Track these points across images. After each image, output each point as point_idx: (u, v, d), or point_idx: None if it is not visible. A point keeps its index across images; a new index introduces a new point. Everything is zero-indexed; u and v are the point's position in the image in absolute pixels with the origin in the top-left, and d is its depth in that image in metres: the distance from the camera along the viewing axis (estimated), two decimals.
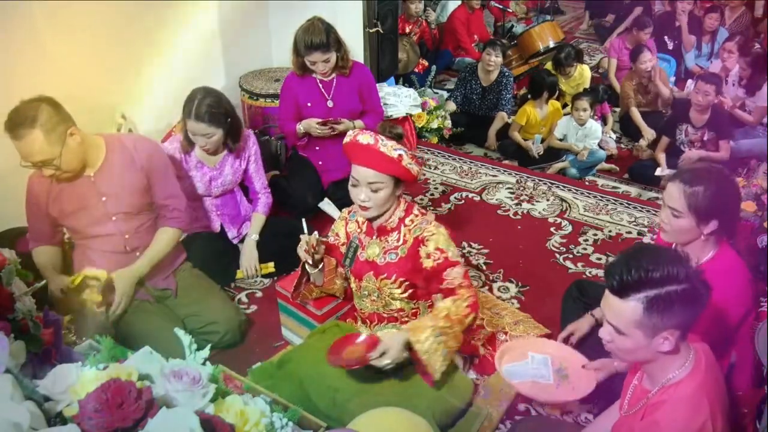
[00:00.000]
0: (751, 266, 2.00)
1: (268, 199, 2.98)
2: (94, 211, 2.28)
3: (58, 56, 2.87)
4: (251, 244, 2.89)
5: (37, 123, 2.02)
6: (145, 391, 1.14)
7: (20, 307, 1.44)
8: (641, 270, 1.37)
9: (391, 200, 2.08)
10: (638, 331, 1.40)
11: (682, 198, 1.81)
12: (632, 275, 1.37)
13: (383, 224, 2.14)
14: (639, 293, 1.37)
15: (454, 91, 4.78)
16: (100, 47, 3.08)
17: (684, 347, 1.48)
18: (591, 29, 7.34)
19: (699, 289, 1.38)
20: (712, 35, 5.61)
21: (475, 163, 4.09)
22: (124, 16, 3.16)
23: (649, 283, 1.37)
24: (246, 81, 3.90)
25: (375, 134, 2.01)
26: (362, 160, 2.02)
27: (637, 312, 1.38)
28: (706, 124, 3.93)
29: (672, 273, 1.36)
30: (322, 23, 3.05)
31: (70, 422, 1.12)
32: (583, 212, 3.52)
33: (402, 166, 2.00)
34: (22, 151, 2.07)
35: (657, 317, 1.37)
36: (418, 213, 2.14)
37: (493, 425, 2.17)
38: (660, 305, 1.36)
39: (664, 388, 1.48)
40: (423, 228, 2.09)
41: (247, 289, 2.89)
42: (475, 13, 5.93)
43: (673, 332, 1.40)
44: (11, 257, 1.59)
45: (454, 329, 2.00)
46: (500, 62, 4.60)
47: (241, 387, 1.42)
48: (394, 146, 1.99)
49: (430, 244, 2.07)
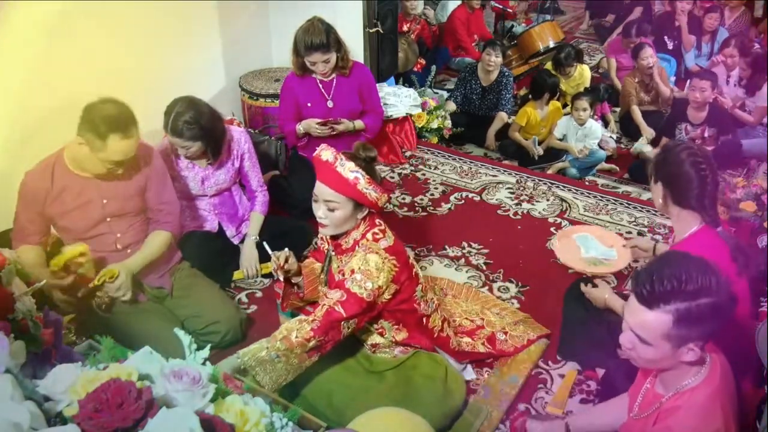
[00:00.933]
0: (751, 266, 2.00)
1: (265, 197, 2.97)
2: (93, 212, 2.29)
3: (58, 57, 2.87)
4: (251, 245, 2.88)
5: (136, 120, 2.13)
6: (145, 391, 1.14)
7: (20, 307, 1.44)
8: (674, 280, 1.31)
9: (350, 221, 2.04)
10: (664, 342, 1.36)
11: (653, 169, 2.03)
12: (664, 285, 1.32)
13: (339, 242, 2.11)
14: (669, 305, 1.32)
15: (454, 91, 4.78)
16: (100, 47, 3.08)
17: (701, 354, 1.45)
18: (591, 29, 7.33)
19: (727, 301, 1.35)
20: (712, 35, 5.61)
21: (475, 163, 4.09)
22: (123, 16, 3.16)
23: (682, 295, 1.31)
24: (246, 81, 3.90)
25: (337, 153, 1.96)
26: (322, 176, 1.99)
27: (665, 324, 1.33)
28: (705, 120, 3.93)
29: (705, 285, 1.31)
30: (322, 23, 3.05)
31: (70, 422, 1.11)
32: (583, 212, 3.52)
33: (357, 189, 1.94)
34: (126, 149, 2.12)
35: (685, 329, 1.33)
36: (371, 238, 2.05)
37: (493, 425, 2.17)
38: (690, 318, 1.31)
39: (679, 393, 1.45)
40: (363, 252, 2.01)
41: (247, 289, 2.89)
42: (475, 13, 5.93)
43: (698, 343, 1.37)
44: (11, 257, 1.59)
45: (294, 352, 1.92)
46: (500, 62, 4.60)
47: (241, 387, 1.42)
48: (351, 168, 1.94)
49: (351, 263, 2.02)
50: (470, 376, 2.37)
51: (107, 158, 2.13)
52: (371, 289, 1.97)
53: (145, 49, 3.34)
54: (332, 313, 1.95)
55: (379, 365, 2.17)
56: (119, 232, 2.35)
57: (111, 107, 2.10)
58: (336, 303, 1.96)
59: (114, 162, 2.15)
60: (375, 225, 2.09)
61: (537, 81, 4.40)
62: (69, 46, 2.93)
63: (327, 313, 1.95)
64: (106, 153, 2.11)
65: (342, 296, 1.97)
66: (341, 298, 1.97)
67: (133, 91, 3.28)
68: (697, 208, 1.93)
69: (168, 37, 3.46)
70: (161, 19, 3.39)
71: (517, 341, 2.47)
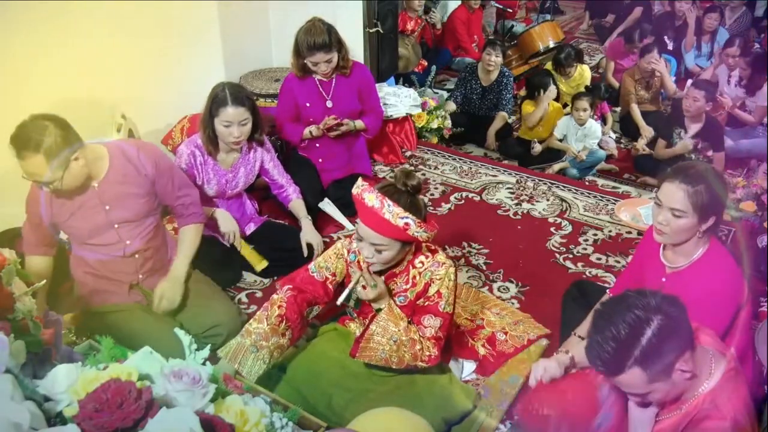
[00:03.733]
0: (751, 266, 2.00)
1: (295, 186, 3.03)
2: (96, 219, 2.26)
3: (58, 57, 2.87)
4: (310, 225, 2.93)
5: (41, 148, 1.98)
6: (145, 391, 1.14)
7: (20, 307, 1.44)
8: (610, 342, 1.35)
9: (399, 256, 2.00)
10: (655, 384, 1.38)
11: (685, 198, 1.79)
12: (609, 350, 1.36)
13: (393, 269, 2.08)
14: (628, 360, 1.35)
15: (454, 91, 4.78)
16: (100, 47, 3.08)
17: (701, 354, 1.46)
18: (591, 29, 7.34)
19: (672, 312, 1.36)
20: (712, 35, 5.61)
21: (475, 163, 4.08)
22: (123, 16, 3.16)
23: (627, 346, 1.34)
24: (246, 81, 3.90)
25: (382, 198, 1.86)
26: (367, 220, 1.90)
27: (639, 375, 1.36)
28: (699, 133, 3.89)
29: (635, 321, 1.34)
30: (323, 24, 3.05)
31: (70, 422, 1.11)
32: (583, 212, 3.52)
33: (407, 234, 1.88)
34: (24, 169, 2.05)
35: (659, 362, 1.35)
36: (428, 252, 2.07)
37: (493, 425, 2.17)
38: (653, 354, 1.34)
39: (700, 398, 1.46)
40: (433, 271, 2.04)
41: (247, 290, 2.89)
42: (475, 13, 5.94)
43: (685, 358, 1.38)
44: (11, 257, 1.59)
45: (401, 354, 2.01)
46: (500, 62, 4.60)
47: (241, 387, 1.42)
48: (400, 214, 1.85)
49: (434, 286, 2.04)
50: (470, 376, 2.37)
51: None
52: (453, 302, 2.08)
53: (145, 49, 3.34)
54: (438, 343, 2.05)
55: (384, 370, 2.15)
56: (128, 239, 2.32)
57: (26, 124, 2.01)
58: (438, 331, 2.04)
59: (35, 181, 2.08)
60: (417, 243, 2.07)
61: (530, 82, 4.42)
62: (69, 46, 2.93)
63: (436, 344, 2.03)
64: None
65: (441, 323, 2.04)
66: (440, 325, 2.04)
67: (133, 91, 3.31)
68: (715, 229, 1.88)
69: (168, 37, 3.47)
70: (161, 19, 3.39)
71: (517, 341, 2.47)
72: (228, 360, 1.99)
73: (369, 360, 2.04)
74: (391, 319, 2.02)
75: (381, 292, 2.01)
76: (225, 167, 2.83)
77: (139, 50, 3.31)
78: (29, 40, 2.78)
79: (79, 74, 2.93)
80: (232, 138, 2.68)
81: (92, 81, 3.01)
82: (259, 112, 2.77)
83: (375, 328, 2.02)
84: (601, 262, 3.07)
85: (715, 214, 1.82)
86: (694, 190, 1.78)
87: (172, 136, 3.44)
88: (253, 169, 2.91)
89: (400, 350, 2.01)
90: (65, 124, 2.06)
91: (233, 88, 2.67)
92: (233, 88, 2.67)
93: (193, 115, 3.36)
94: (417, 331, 2.04)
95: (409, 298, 2.07)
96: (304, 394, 2.08)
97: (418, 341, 2.02)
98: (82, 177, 2.16)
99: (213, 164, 2.80)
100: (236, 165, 2.85)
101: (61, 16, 2.87)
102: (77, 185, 2.16)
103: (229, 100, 2.61)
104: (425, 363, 2.03)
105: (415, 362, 2.03)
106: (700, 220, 1.81)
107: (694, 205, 1.79)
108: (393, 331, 2.01)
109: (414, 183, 1.93)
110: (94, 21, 3.03)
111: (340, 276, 2.17)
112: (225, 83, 2.70)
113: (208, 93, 2.68)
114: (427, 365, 2.04)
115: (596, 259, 3.10)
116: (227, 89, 2.64)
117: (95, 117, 2.87)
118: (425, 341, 2.03)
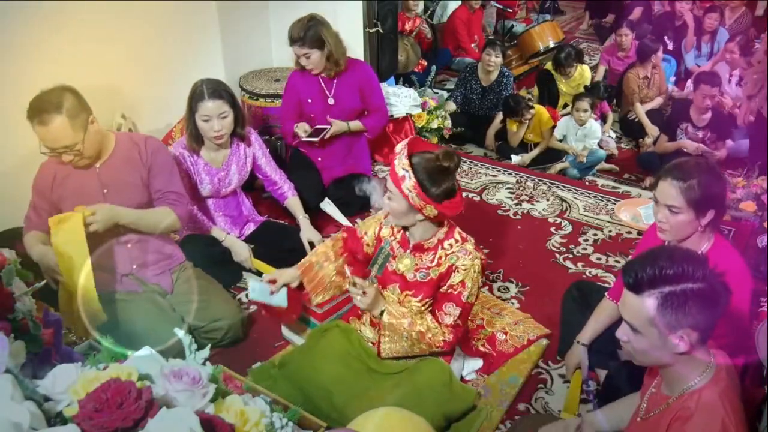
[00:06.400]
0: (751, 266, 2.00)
1: (290, 183, 3.04)
2: (94, 201, 2.28)
3: (58, 56, 2.87)
4: (308, 224, 2.95)
5: (63, 108, 2.08)
6: (145, 391, 1.14)
7: (20, 307, 1.45)
8: (656, 267, 1.38)
9: (408, 217, 2.02)
10: (653, 328, 1.40)
11: (679, 194, 1.84)
12: (647, 272, 1.38)
13: (421, 242, 2.11)
14: (654, 289, 1.38)
15: (454, 91, 4.78)
16: (100, 47, 3.08)
17: (703, 352, 1.46)
18: (591, 29, 7.34)
19: (716, 290, 1.38)
20: (712, 35, 5.61)
21: (475, 163, 4.09)
22: (123, 16, 3.16)
23: (664, 280, 1.37)
24: (246, 81, 3.90)
25: (404, 148, 1.94)
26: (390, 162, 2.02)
27: (651, 308, 1.38)
28: (708, 124, 3.93)
29: (687, 271, 1.36)
30: (310, 20, 3.10)
31: (70, 422, 1.11)
32: (583, 212, 3.52)
33: (401, 187, 1.92)
34: (48, 136, 2.10)
35: (671, 314, 1.37)
36: (459, 238, 2.10)
37: (493, 425, 2.17)
38: (675, 302, 1.36)
39: (688, 394, 1.46)
40: (459, 257, 2.06)
41: (247, 289, 2.88)
42: (476, 13, 5.94)
43: (690, 333, 1.39)
44: (11, 257, 1.59)
45: (418, 346, 2.10)
46: (500, 62, 4.60)
47: (241, 387, 1.42)
48: (405, 165, 1.91)
49: (458, 275, 2.06)
50: (471, 375, 2.37)
51: (43, 144, 2.13)
52: (477, 294, 2.11)
53: (145, 49, 3.34)
54: (456, 330, 2.10)
55: (385, 367, 2.17)
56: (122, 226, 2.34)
57: (42, 94, 2.10)
58: (457, 319, 2.08)
59: (50, 148, 2.13)
60: (451, 226, 2.13)
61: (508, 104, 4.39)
62: (68, 46, 2.93)
63: (454, 331, 2.09)
64: (39, 139, 2.12)
65: (461, 312, 2.08)
66: (460, 314, 2.08)
67: (133, 91, 3.32)
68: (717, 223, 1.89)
69: (168, 37, 3.47)
70: (161, 19, 3.39)
71: (517, 341, 2.47)
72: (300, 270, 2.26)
73: (395, 354, 2.14)
74: (393, 321, 2.06)
75: (373, 298, 2.04)
76: (216, 166, 2.83)
77: (139, 50, 3.31)
78: (29, 40, 2.78)
79: (79, 74, 2.91)
80: (213, 132, 2.68)
81: (92, 81, 3.01)
82: (239, 106, 2.78)
83: (384, 336, 2.10)
84: (601, 262, 3.07)
85: (714, 207, 1.84)
86: (687, 185, 1.82)
87: (172, 136, 3.44)
88: (245, 166, 2.91)
89: (414, 345, 2.10)
90: (77, 92, 2.17)
91: (211, 83, 2.68)
92: (211, 83, 2.68)
93: None
94: (424, 321, 2.09)
95: (431, 276, 2.10)
96: (305, 390, 2.09)
97: (427, 331, 2.08)
98: (99, 144, 2.25)
99: (204, 164, 2.80)
100: (227, 162, 2.85)
101: (61, 16, 2.88)
102: (94, 153, 2.24)
103: (206, 94, 2.63)
104: (440, 348, 2.10)
105: (431, 349, 2.11)
106: (697, 214, 1.84)
107: (688, 201, 1.83)
108: (401, 330, 2.07)
109: (445, 162, 1.94)
110: (94, 21, 3.03)
111: (371, 238, 2.27)
112: (203, 79, 2.71)
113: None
114: (443, 349, 2.12)
115: (596, 259, 3.10)
116: (204, 84, 2.66)
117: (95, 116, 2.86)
118: (442, 327, 2.09)
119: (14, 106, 2.14)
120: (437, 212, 1.97)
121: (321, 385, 2.08)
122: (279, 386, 2.09)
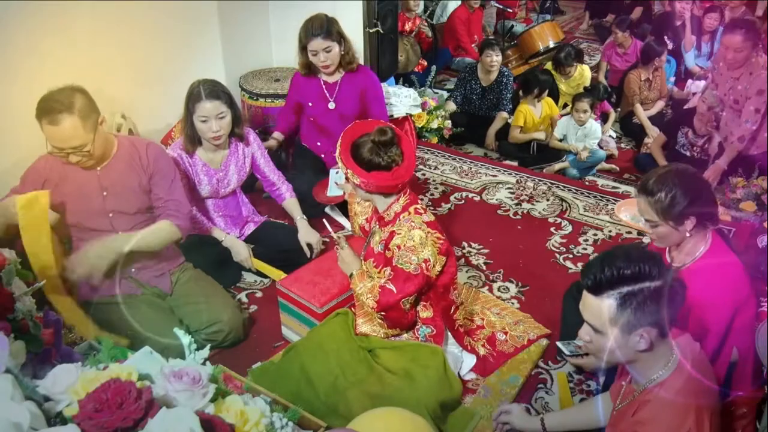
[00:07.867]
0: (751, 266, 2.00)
1: (288, 184, 3.04)
2: (93, 203, 2.29)
3: (58, 56, 2.87)
4: (305, 224, 2.95)
5: (74, 109, 2.08)
6: (145, 391, 1.14)
7: (20, 307, 1.45)
8: (614, 268, 1.41)
9: (360, 191, 2.17)
10: (614, 328, 1.43)
11: (649, 208, 1.84)
12: (605, 273, 1.41)
13: (381, 214, 2.20)
14: (613, 290, 1.41)
15: (454, 91, 4.78)
16: (100, 47, 3.08)
17: (664, 346, 1.50)
18: (591, 29, 7.34)
19: (673, 287, 1.41)
20: (712, 35, 5.61)
21: (475, 163, 4.09)
22: (123, 16, 3.16)
23: (622, 280, 1.40)
24: (246, 81, 3.90)
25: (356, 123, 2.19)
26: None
27: (611, 309, 1.41)
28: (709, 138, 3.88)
29: (644, 270, 1.39)
30: (324, 16, 3.11)
31: (70, 422, 1.12)
32: (583, 212, 3.52)
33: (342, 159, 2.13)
34: (58, 136, 2.10)
35: (631, 314, 1.40)
36: (411, 211, 2.15)
37: (493, 425, 2.17)
38: (633, 302, 1.40)
39: (649, 388, 1.51)
40: (401, 224, 2.12)
41: (247, 289, 2.89)
42: (476, 13, 5.94)
43: (649, 330, 1.42)
44: (11, 257, 1.59)
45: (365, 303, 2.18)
46: (500, 62, 4.60)
47: (241, 387, 1.42)
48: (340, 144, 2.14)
49: (395, 240, 2.11)
50: (470, 375, 2.37)
51: (51, 144, 2.13)
52: (417, 262, 2.08)
53: (146, 49, 3.34)
54: (386, 292, 2.09)
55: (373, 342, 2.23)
56: (120, 229, 2.34)
57: (51, 94, 2.10)
58: (387, 281, 2.10)
59: (59, 148, 2.13)
60: (417, 201, 2.19)
61: (527, 77, 4.42)
62: (68, 45, 2.93)
63: (382, 292, 2.10)
64: (47, 139, 2.12)
65: (390, 274, 2.11)
66: (390, 276, 2.10)
67: (133, 91, 3.31)
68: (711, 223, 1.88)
69: (168, 37, 3.47)
70: (161, 19, 3.39)
71: (517, 341, 2.47)
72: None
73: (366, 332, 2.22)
74: (358, 280, 2.20)
75: (344, 258, 2.26)
76: (214, 166, 2.82)
77: (139, 50, 3.31)
78: (29, 41, 2.78)
79: (79, 74, 2.90)
80: (211, 133, 2.67)
81: (92, 81, 3.00)
82: (237, 106, 2.77)
83: (355, 290, 2.21)
84: None
85: (693, 215, 1.81)
86: (654, 199, 1.82)
87: (172, 136, 3.44)
88: (244, 166, 2.90)
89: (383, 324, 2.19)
90: (87, 92, 2.18)
91: (208, 83, 2.67)
92: (208, 83, 2.67)
93: None
94: (365, 284, 2.18)
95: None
96: (309, 374, 2.12)
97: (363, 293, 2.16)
98: (107, 145, 2.27)
99: (202, 165, 2.79)
100: (226, 163, 2.84)
101: (61, 16, 2.87)
102: (102, 154, 2.25)
103: (203, 94, 2.62)
104: (371, 308, 2.15)
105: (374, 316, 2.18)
106: (675, 224, 1.83)
107: (658, 213, 1.83)
108: (361, 289, 2.17)
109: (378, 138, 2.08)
110: (94, 21, 3.03)
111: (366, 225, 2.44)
112: (200, 80, 2.70)
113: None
114: (374, 311, 2.15)
115: None
116: (201, 85, 2.65)
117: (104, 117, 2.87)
118: (376, 288, 2.13)
119: (14, 106, 2.13)
120: (360, 179, 2.09)
121: (327, 365, 2.14)
122: (284, 360, 2.20)
